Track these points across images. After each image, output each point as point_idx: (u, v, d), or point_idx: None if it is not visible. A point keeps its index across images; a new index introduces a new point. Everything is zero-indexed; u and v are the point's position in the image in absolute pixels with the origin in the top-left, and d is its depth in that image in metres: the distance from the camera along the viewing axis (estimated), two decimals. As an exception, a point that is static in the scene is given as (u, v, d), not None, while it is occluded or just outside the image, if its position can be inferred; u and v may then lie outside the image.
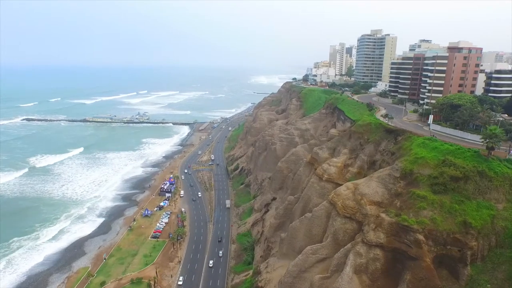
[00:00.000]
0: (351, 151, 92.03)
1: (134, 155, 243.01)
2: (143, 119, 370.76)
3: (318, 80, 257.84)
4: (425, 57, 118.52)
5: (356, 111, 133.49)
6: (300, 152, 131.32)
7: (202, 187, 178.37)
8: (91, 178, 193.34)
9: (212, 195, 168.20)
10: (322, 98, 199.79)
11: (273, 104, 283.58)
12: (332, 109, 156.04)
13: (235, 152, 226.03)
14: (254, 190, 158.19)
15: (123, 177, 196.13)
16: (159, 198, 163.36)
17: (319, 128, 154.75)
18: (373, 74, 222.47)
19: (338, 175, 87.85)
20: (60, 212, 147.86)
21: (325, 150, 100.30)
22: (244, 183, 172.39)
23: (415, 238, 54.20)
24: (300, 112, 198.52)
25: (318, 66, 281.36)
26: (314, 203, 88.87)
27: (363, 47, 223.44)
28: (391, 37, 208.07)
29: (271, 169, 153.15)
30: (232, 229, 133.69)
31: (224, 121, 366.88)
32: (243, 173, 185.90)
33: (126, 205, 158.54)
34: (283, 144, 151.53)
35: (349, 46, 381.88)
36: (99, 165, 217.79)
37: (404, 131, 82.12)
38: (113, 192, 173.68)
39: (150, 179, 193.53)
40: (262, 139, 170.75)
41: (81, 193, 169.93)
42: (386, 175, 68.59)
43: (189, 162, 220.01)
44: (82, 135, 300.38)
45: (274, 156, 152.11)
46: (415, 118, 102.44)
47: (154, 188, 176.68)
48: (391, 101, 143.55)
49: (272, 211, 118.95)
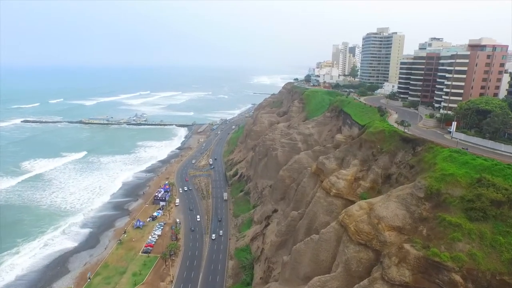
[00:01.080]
0: (362, 162, 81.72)
1: (129, 159, 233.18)
2: (141, 121, 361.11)
3: (321, 80, 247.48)
4: (441, 56, 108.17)
5: (364, 115, 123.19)
6: (303, 160, 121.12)
7: (199, 195, 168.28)
8: (83, 184, 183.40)
9: (210, 204, 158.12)
10: (326, 100, 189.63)
11: (274, 105, 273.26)
12: (338, 112, 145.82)
13: (235, 157, 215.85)
14: (254, 199, 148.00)
15: (116, 183, 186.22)
16: (152, 207, 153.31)
17: (324, 132, 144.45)
18: (379, 75, 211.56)
19: (348, 190, 77.61)
20: (46, 223, 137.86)
21: (332, 160, 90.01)
22: (244, 191, 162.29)
23: (450, 279, 44.00)
24: (303, 114, 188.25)
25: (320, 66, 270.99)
26: (321, 221, 78.74)
27: (368, 46, 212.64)
28: (399, 35, 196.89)
29: (272, 176, 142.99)
30: (230, 242, 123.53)
31: (223, 122, 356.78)
32: (242, 179, 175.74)
33: (117, 214, 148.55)
34: (285, 150, 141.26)
35: (352, 46, 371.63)
36: (93, 170, 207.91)
37: (424, 141, 71.76)
38: (104, 200, 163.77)
39: (144, 185, 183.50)
40: (263, 144, 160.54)
41: (71, 202, 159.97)
42: (407, 195, 58.30)
43: (186, 167, 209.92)
44: (77, 138, 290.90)
45: (275, 163, 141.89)
46: (432, 124, 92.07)
47: (148, 196, 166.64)
48: (402, 103, 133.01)
49: (273, 225, 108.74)
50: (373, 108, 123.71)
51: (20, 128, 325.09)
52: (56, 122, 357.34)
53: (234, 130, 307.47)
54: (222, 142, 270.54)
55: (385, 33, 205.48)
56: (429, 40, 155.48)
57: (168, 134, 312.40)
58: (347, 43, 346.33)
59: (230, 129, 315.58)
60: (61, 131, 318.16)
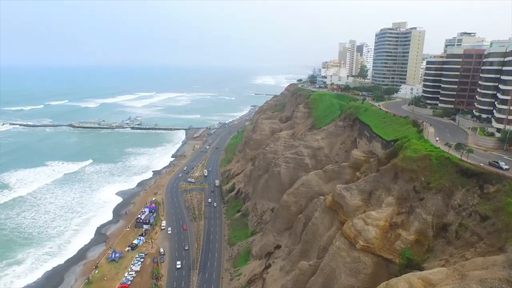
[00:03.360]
0: (400, 201, 58.77)
1: (116, 169, 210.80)
2: (134, 124, 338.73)
3: (328, 82, 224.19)
4: (490, 53, 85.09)
5: (387, 126, 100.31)
6: (312, 182, 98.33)
7: (190, 214, 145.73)
8: (60, 202, 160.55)
9: (201, 227, 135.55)
10: (335, 104, 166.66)
11: (276, 109, 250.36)
12: (352, 120, 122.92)
13: (232, 167, 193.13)
14: (252, 224, 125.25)
15: (96, 200, 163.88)
16: (134, 232, 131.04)
17: (336, 145, 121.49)
18: (395, 76, 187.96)
19: (381, 243, 54.76)
20: (2, 254, 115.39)
21: (355, 192, 67.05)
22: (241, 211, 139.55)
23: None
24: (309, 121, 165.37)
25: (327, 66, 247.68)
26: (342, 284, 55.94)
27: (383, 43, 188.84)
28: (418, 30, 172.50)
29: (274, 198, 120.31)
30: (222, 283, 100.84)
31: (222, 126, 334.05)
32: (239, 196, 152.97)
33: (92, 241, 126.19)
34: (289, 167, 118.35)
35: (360, 44, 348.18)
36: (73, 183, 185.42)
37: (500, 177, 48.75)
38: (80, 222, 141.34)
39: (128, 202, 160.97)
40: (263, 157, 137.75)
41: (41, 225, 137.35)
42: (496, 281, 35.35)
43: (178, 179, 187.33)
44: (63, 144, 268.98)
45: (278, 182, 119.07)
46: (492, 145, 68.99)
47: (131, 216, 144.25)
48: (432, 112, 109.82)
49: (276, 268, 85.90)
50: (399, 118, 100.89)
51: (6, 132, 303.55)
52: (44, 125, 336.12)
53: (233, 135, 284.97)
54: (219, 149, 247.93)
55: (402, 28, 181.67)
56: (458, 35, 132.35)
57: (162, 139, 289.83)
58: (354, 41, 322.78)
59: (229, 134, 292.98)
60: (48, 136, 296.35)
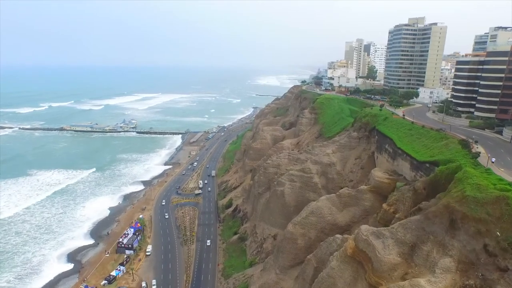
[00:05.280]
0: (464, 267, 40.20)
1: (104, 179, 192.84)
2: (128, 128, 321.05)
3: (336, 84, 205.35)
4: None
5: (416, 140, 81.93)
6: (324, 210, 79.91)
7: (181, 236, 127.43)
8: (36, 220, 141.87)
9: (192, 252, 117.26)
10: (345, 110, 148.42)
11: (278, 113, 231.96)
12: (368, 131, 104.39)
13: (230, 178, 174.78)
14: (251, 251, 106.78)
15: (78, 216, 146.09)
16: (114, 259, 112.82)
17: (349, 160, 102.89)
18: (411, 77, 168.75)
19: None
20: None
21: (390, 242, 48.37)
22: (239, 233, 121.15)
23: None
24: (316, 129, 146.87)
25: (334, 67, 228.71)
26: None
27: (397, 41, 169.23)
28: (439, 26, 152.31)
29: (276, 223, 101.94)
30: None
31: (221, 130, 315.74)
32: (237, 215, 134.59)
33: (63, 273, 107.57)
34: (294, 186, 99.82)
35: (367, 43, 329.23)
36: (56, 196, 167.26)
37: None
38: (55, 244, 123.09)
39: (112, 220, 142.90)
40: (264, 171, 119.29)
41: (8, 250, 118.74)
42: None
43: (169, 191, 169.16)
44: (51, 150, 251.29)
45: (281, 204, 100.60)
46: None
47: (113, 237, 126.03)
48: (468, 122, 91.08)
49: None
50: (429, 131, 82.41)
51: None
52: (34, 129, 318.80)
53: (232, 139, 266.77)
54: (217, 155, 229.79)
55: (420, 24, 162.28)
56: (491, 30, 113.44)
57: (156, 144, 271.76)
58: (362, 40, 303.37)
59: (229, 138, 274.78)
60: (36, 140, 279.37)
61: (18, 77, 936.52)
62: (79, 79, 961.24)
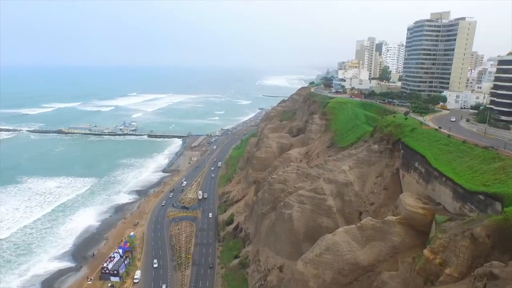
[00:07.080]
0: None
1: (98, 187, 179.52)
2: (128, 131, 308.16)
3: (347, 86, 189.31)
4: None
5: (457, 160, 66.69)
6: (342, 246, 64.78)
7: (175, 258, 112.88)
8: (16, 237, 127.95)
9: (186, 279, 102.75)
10: (360, 115, 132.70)
11: (285, 116, 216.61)
12: (392, 144, 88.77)
13: (232, 189, 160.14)
14: (253, 284, 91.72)
15: (62, 232, 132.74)
16: (98, 287, 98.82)
17: (369, 178, 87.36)
18: (434, 79, 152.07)
19: None
20: None
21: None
22: (240, 258, 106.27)
23: None
24: (327, 137, 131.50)
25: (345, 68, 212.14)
26: None
27: (418, 38, 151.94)
28: (468, 22, 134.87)
29: (283, 252, 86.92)
30: None
31: (224, 133, 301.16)
32: (238, 234, 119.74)
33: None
34: (305, 209, 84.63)
35: (379, 42, 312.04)
36: (46, 206, 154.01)
37: None
38: (30, 267, 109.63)
39: (100, 238, 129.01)
40: (269, 187, 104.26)
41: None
42: None
43: (166, 203, 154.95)
44: (47, 154, 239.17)
45: (289, 229, 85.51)
46: None
47: (99, 259, 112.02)
48: (517, 136, 75.40)
49: None
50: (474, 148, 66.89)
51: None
52: (31, 131, 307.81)
53: (236, 144, 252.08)
54: (219, 162, 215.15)
55: (445, 19, 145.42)
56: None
57: (156, 148, 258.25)
58: (373, 38, 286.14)
59: (232, 142, 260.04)
60: (31, 143, 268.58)
61: (19, 77, 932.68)
62: (80, 79, 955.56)
